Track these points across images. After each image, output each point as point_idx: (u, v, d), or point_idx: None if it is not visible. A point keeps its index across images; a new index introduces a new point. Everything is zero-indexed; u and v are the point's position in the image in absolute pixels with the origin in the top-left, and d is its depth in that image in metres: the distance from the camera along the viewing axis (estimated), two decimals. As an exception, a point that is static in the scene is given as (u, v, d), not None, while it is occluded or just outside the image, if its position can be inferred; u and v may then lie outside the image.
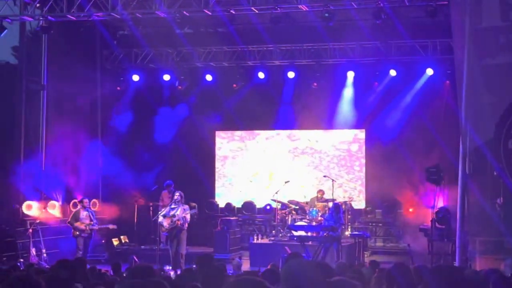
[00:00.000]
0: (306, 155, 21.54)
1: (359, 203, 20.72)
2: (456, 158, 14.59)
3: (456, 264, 13.92)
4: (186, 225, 15.96)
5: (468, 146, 13.91)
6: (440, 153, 17.61)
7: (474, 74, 13.81)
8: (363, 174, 21.09)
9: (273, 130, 21.82)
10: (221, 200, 21.70)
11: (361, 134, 21.21)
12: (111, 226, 17.10)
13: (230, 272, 12.75)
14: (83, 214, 16.54)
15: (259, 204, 21.16)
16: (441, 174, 16.30)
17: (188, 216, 15.93)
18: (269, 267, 10.10)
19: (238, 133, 22.19)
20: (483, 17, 14.13)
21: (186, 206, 16.09)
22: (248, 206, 21.16)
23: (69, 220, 16.69)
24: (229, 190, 22.04)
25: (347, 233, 18.26)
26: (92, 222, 16.49)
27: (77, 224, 16.40)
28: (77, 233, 16.42)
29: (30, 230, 17.10)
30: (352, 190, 20.83)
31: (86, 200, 16.93)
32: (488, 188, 13.98)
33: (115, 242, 19.55)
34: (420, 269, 7.10)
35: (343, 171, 21.09)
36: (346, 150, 21.32)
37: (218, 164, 22.25)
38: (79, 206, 16.94)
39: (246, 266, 16.40)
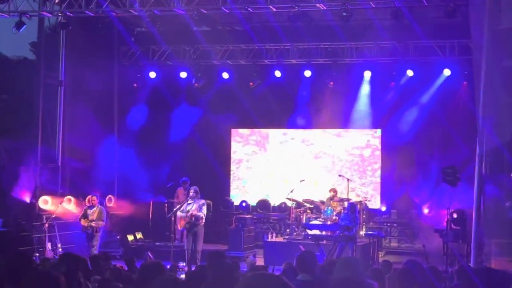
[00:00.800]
0: (319, 160, 21.52)
1: (374, 203, 20.67)
2: (473, 159, 14.53)
3: (471, 265, 13.85)
4: (202, 221, 15.86)
5: (485, 147, 13.84)
6: (456, 154, 17.53)
7: (493, 75, 13.74)
8: (375, 179, 21.05)
9: (289, 129, 21.79)
10: (235, 200, 21.72)
11: (373, 140, 21.14)
12: (100, 223, 16.84)
13: (245, 270, 12.76)
14: (90, 211, 16.51)
15: (274, 202, 21.18)
16: (457, 175, 16.20)
17: (202, 212, 15.80)
18: (283, 266, 10.11)
19: (253, 137, 22.19)
20: (502, 18, 14.06)
21: (202, 201, 16.00)
22: (263, 204, 21.17)
23: (80, 216, 16.76)
24: (243, 193, 21.96)
25: (362, 232, 18.23)
26: (92, 219, 16.42)
27: (82, 221, 16.44)
28: (83, 229, 16.49)
29: (46, 225, 17.18)
30: (364, 195, 20.72)
31: (93, 198, 16.75)
32: (504, 189, 13.91)
33: (130, 238, 19.61)
34: (435, 269, 7.07)
35: (356, 175, 20.94)
36: (358, 155, 21.28)
37: (233, 167, 22.27)
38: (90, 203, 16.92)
39: (260, 264, 16.38)
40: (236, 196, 21.92)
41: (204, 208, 15.84)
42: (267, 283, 3.44)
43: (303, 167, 21.46)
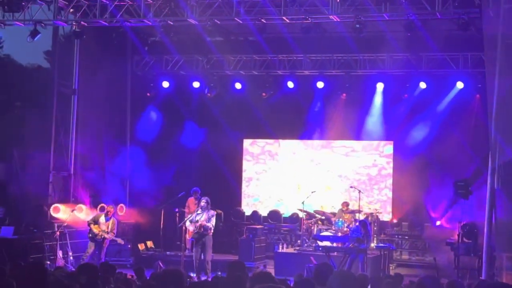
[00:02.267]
0: (328, 178, 21.50)
1: (385, 216, 20.60)
2: (486, 172, 14.46)
3: (483, 279, 13.76)
4: (211, 231, 15.88)
5: (498, 161, 13.77)
6: (469, 167, 17.47)
7: (506, 88, 13.68)
8: (381, 197, 21.06)
9: (299, 143, 21.81)
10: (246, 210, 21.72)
11: (380, 159, 21.18)
12: (119, 240, 16.84)
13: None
14: (103, 220, 16.41)
15: (286, 211, 21.16)
16: (469, 188, 16.16)
17: (210, 223, 15.81)
18: (294, 277, 10.05)
19: (262, 156, 22.17)
20: (515, 31, 13.99)
21: (212, 212, 16.02)
22: (274, 215, 21.15)
23: (89, 220, 16.72)
24: (252, 209, 21.91)
25: (373, 244, 18.15)
26: (107, 230, 16.43)
27: (94, 226, 16.40)
28: (90, 235, 16.43)
29: (57, 233, 17.19)
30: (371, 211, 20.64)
31: (110, 208, 16.74)
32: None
33: (141, 247, 19.62)
34: (455, 284, 7.01)
35: (363, 194, 20.74)
36: (366, 174, 21.29)
37: (243, 185, 22.25)
38: (105, 211, 16.89)
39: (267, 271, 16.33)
40: (247, 211, 21.84)
41: (213, 219, 15.90)
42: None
43: (314, 177, 21.45)
